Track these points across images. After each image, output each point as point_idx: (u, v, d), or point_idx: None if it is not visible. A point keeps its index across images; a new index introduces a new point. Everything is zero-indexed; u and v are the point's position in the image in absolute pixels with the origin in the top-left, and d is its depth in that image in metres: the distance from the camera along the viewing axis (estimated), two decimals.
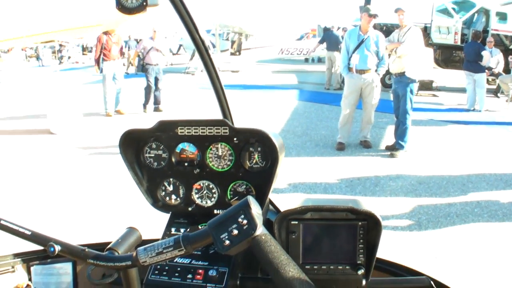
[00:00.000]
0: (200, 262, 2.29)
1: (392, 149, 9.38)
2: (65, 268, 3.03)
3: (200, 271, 2.25)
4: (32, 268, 2.87)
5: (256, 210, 1.34)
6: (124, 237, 1.65)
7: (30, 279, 2.87)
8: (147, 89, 14.15)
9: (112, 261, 1.50)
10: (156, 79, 14.10)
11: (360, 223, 2.06)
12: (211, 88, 2.56)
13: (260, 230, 1.33)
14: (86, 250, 1.53)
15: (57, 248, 1.54)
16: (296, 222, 2.10)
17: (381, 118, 11.38)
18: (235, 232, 1.33)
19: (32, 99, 16.32)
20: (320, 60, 28.25)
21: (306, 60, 30.98)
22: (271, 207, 2.71)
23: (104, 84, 13.90)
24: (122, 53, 14.48)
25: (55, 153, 10.23)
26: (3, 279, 2.75)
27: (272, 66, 27.75)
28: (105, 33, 13.59)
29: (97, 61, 14.37)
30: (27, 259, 2.85)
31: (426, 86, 18.05)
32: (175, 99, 13.41)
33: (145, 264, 1.44)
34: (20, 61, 32.01)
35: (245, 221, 1.32)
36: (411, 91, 9.17)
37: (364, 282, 2.14)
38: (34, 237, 1.63)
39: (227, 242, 1.33)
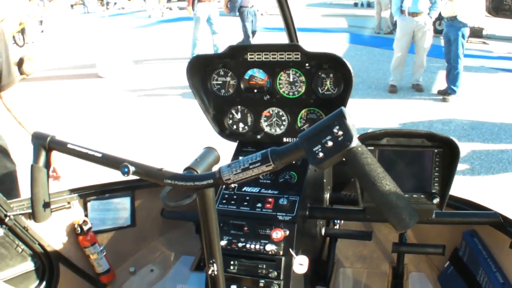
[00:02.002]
0: (269, 191, 2.23)
1: (444, 93, 9.06)
2: (123, 203, 2.96)
3: (270, 199, 2.19)
4: (88, 204, 2.82)
5: (351, 120, 1.18)
6: (203, 156, 1.49)
7: (86, 215, 2.82)
8: (245, 33, 12.69)
9: (192, 180, 1.36)
10: (253, 22, 12.57)
11: (436, 151, 1.97)
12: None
13: (356, 141, 1.18)
14: (163, 169, 1.39)
15: (132, 168, 1.40)
16: (372, 148, 2.02)
17: (433, 63, 10.94)
18: (330, 144, 1.18)
19: (79, 46, 16.16)
20: (369, 5, 27.33)
21: (355, 4, 29.99)
22: None
23: (196, 27, 12.56)
24: None
25: (104, 94, 10.28)
26: (59, 215, 2.69)
27: (321, 10, 26.99)
28: None
29: (191, 2, 13.19)
30: (84, 194, 2.79)
31: (476, 33, 17.27)
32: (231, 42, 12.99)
33: (229, 182, 1.30)
34: (65, 9, 31.70)
35: (340, 132, 1.17)
36: (463, 36, 8.84)
37: (434, 214, 2.07)
38: (105, 160, 1.50)
39: (321, 154, 1.19)
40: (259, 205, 2.19)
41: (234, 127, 2.56)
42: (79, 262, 2.81)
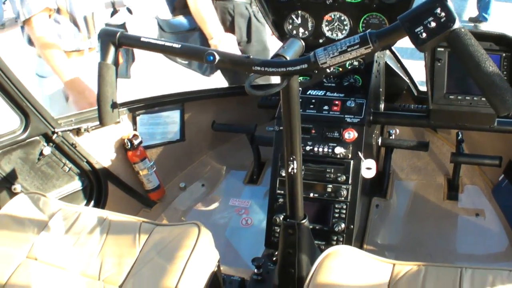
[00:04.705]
0: (335, 94, 2.19)
1: (476, 21, 8.78)
2: (172, 117, 2.86)
3: (337, 102, 2.15)
4: (137, 118, 2.72)
5: (451, 3, 1.13)
6: (290, 45, 1.41)
7: (135, 129, 2.73)
8: None
9: (285, 66, 1.27)
10: None
11: (504, 55, 1.89)
12: None
13: (459, 23, 1.13)
14: (251, 56, 1.30)
15: (217, 57, 1.31)
16: (442, 49, 1.95)
17: None
18: (433, 24, 1.13)
19: None
20: None
21: None
22: None
23: None
24: None
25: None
26: (107, 130, 2.57)
27: None
28: None
29: None
30: (133, 108, 2.68)
31: None
32: None
33: (324, 66, 1.23)
34: None
35: (443, 14, 1.12)
36: None
37: (496, 121, 2.01)
38: (186, 50, 1.39)
39: (424, 35, 1.14)
40: (325, 107, 2.14)
41: (294, 32, 2.46)
42: (128, 180, 2.76)
